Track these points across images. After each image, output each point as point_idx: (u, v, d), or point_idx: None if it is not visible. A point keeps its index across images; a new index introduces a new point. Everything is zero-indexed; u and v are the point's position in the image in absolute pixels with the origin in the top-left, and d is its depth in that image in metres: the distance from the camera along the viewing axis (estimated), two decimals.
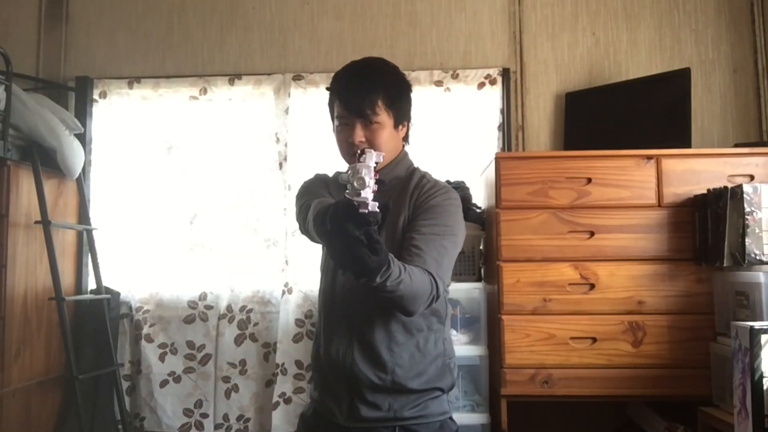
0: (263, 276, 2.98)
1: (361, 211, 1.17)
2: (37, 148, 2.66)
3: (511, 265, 2.31)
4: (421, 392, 1.51)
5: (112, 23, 3.19)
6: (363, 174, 1.18)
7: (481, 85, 3.00)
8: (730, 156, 2.34)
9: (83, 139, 2.95)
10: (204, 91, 3.09)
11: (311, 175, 1.69)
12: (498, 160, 2.37)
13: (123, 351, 2.99)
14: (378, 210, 1.18)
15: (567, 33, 3.05)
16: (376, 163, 1.30)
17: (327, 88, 1.60)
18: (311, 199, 1.51)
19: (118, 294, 2.98)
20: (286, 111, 3.02)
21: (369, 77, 1.52)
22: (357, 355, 1.48)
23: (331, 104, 1.58)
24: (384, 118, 1.51)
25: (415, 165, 1.64)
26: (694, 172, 2.31)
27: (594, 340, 2.27)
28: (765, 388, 1.71)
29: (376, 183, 1.22)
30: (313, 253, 1.58)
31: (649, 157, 2.33)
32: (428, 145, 2.94)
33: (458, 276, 2.57)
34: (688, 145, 2.53)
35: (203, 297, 2.99)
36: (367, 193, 1.18)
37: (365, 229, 1.17)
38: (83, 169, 2.91)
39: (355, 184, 1.17)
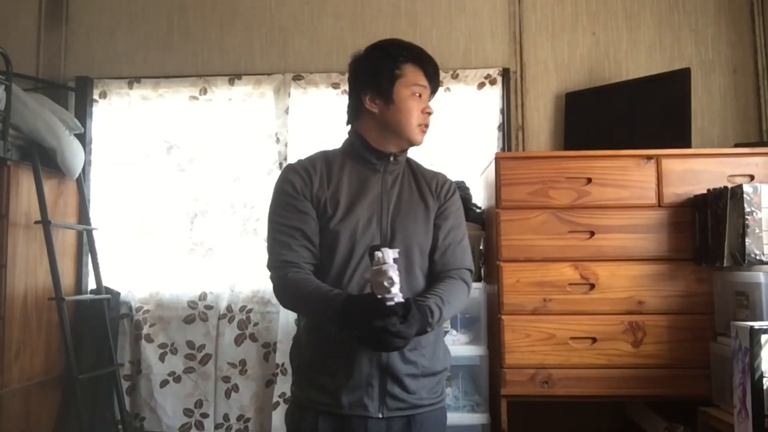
0: (263, 276, 2.97)
1: (388, 304, 1.32)
2: (37, 148, 2.66)
3: (511, 265, 2.31)
4: (439, 374, 1.57)
5: (112, 23, 3.19)
6: (391, 274, 1.30)
7: (481, 85, 3.00)
8: (730, 156, 2.34)
9: (83, 139, 2.95)
10: (204, 91, 3.09)
11: (278, 187, 1.58)
12: (498, 160, 2.37)
13: (123, 351, 2.99)
14: (404, 300, 1.34)
15: (567, 33, 3.05)
16: (394, 259, 1.36)
17: (366, 53, 1.62)
18: (285, 236, 1.51)
19: (118, 294, 2.98)
20: (286, 111, 3.02)
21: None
22: None
23: (391, 69, 1.56)
24: None
25: None
26: (694, 172, 2.31)
27: (594, 340, 2.27)
28: (765, 387, 1.71)
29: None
30: None
31: (649, 157, 2.32)
32: (428, 145, 2.94)
33: None
34: (688, 145, 2.53)
35: (203, 297, 2.99)
36: (396, 289, 1.31)
37: (392, 318, 1.31)
38: (83, 169, 2.91)
39: (385, 283, 1.30)
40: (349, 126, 1.66)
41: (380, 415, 1.47)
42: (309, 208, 1.53)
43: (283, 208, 1.54)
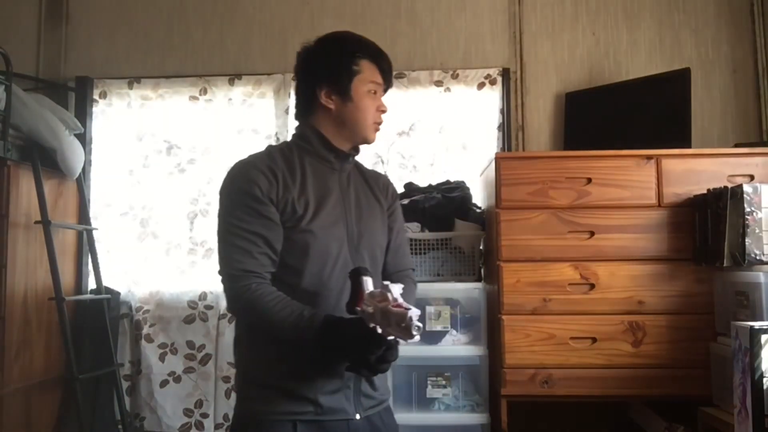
0: None
1: (388, 338, 1.24)
2: (37, 148, 2.66)
3: (511, 265, 2.31)
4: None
5: (112, 23, 3.19)
6: (417, 322, 1.18)
7: (481, 85, 3.00)
8: (730, 156, 2.34)
9: (83, 139, 2.95)
10: (204, 91, 3.09)
11: (234, 184, 1.46)
12: (498, 160, 2.37)
13: (123, 351, 2.99)
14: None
15: (567, 33, 3.05)
16: (400, 294, 1.26)
17: (328, 44, 1.55)
18: (245, 242, 1.41)
19: (118, 294, 2.98)
20: (286, 111, 3.02)
21: None
22: None
23: (348, 64, 1.51)
24: None
25: None
26: (694, 172, 2.31)
27: (594, 340, 2.27)
28: (765, 387, 1.71)
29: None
30: None
31: (649, 157, 2.32)
32: (428, 145, 2.95)
33: (458, 276, 2.57)
34: (688, 145, 2.52)
35: (203, 297, 2.99)
36: (419, 335, 1.20)
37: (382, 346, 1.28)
38: (83, 169, 2.91)
39: (413, 332, 1.18)
40: (300, 119, 1.59)
41: (357, 416, 1.46)
42: (273, 213, 1.43)
43: (244, 211, 1.42)
